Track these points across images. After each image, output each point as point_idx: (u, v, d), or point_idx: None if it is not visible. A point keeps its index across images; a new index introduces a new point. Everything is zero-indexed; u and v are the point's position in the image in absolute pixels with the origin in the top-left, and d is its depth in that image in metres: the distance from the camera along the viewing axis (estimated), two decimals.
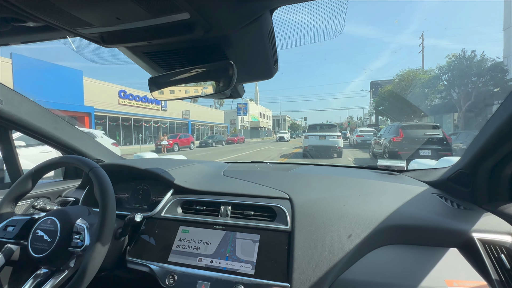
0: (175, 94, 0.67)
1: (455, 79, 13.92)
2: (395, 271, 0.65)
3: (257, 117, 47.70)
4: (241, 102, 33.41)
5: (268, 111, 57.80)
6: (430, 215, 0.76)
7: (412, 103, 16.80)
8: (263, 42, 0.57)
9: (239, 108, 33.36)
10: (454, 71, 13.80)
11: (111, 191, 0.68)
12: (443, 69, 14.42)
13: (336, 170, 1.36)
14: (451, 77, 14.16)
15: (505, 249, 0.64)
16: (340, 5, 0.52)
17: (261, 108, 52.84)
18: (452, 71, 13.95)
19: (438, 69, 14.74)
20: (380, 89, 23.01)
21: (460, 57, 13.76)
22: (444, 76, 14.54)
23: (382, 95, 20.79)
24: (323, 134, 9.11)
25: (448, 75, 14.30)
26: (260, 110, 51.25)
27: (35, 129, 1.00)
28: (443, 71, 14.46)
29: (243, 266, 0.70)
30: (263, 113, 53.77)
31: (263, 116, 53.26)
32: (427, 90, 16.42)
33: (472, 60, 13.44)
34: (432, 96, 16.70)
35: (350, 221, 0.74)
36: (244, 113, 34.10)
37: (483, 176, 0.79)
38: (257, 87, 52.77)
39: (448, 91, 14.73)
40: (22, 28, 0.53)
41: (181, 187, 0.94)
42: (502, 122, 0.65)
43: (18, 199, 0.77)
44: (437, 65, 14.84)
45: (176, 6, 0.41)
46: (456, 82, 13.91)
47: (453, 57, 14.06)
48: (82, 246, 0.65)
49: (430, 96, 16.69)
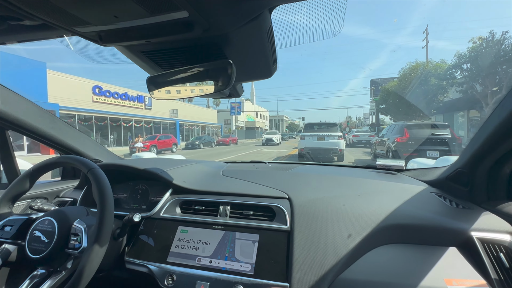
0: (173, 93, 0.66)
1: (480, 68, 11.36)
2: (395, 270, 0.65)
3: (253, 117, 46.05)
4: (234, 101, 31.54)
5: (265, 111, 56.15)
6: (429, 214, 0.75)
7: (421, 100, 14.84)
8: (262, 41, 0.57)
9: (232, 107, 31.31)
10: (480, 58, 11.22)
11: (110, 193, 0.67)
12: (463, 57, 12.03)
13: (335, 170, 1.35)
14: (474, 65, 11.60)
15: (504, 248, 0.64)
16: (339, 5, 0.51)
17: (258, 108, 51.06)
18: (476, 58, 11.40)
19: (457, 57, 12.34)
20: (383, 86, 21.23)
21: (487, 40, 11.13)
22: (467, 65, 12.03)
23: (386, 91, 18.95)
24: (321, 135, 7.58)
25: (470, 64, 11.82)
26: (257, 110, 49.46)
27: (32, 129, 0.99)
28: (464, 59, 12.06)
29: (242, 266, 0.70)
30: (260, 113, 52.11)
31: (259, 116, 51.65)
32: (445, 82, 13.96)
33: (502, 44, 10.75)
34: (451, 90, 14.19)
35: (349, 220, 0.74)
36: (238, 113, 32.12)
37: (482, 175, 0.79)
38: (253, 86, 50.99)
39: (470, 83, 12.24)
40: (19, 26, 0.53)
41: (180, 187, 0.94)
42: (501, 121, 0.64)
43: (16, 198, 0.77)
44: (456, 52, 12.35)
45: (175, 4, 0.41)
46: (481, 72, 11.34)
47: (479, 40, 11.33)
48: (79, 248, 0.64)
49: (448, 89, 14.24)
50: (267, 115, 60.47)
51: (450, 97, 14.88)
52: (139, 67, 0.68)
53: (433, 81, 14.41)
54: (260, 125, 49.30)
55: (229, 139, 23.33)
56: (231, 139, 23.94)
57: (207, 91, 0.61)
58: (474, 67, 11.78)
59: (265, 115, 57.19)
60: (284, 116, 70.12)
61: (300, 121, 71.84)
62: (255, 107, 48.41)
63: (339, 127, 8.27)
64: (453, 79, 13.52)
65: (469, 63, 12.03)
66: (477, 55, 11.51)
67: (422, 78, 15.01)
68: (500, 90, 10.78)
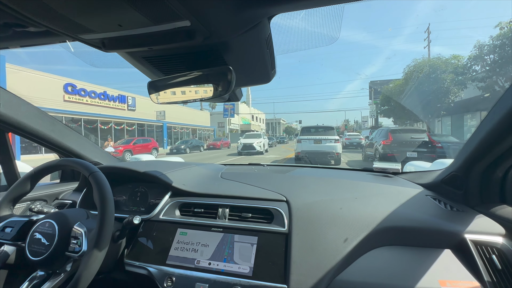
0: (174, 98, 0.66)
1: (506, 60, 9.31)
2: (391, 272, 0.65)
3: (248, 120, 44.42)
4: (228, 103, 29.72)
5: (261, 114, 54.67)
6: (424, 216, 0.76)
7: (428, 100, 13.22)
8: (261, 48, 0.58)
9: (225, 109, 29.47)
10: (506, 47, 9.13)
11: (111, 197, 0.67)
12: (484, 48, 10.06)
13: (332, 173, 1.35)
14: (501, 55, 9.41)
15: (496, 249, 0.65)
16: (336, 12, 0.52)
17: (254, 110, 49.58)
18: (504, 46, 9.30)
19: (478, 48, 10.29)
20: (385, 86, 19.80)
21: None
22: (490, 57, 9.86)
23: (389, 92, 17.44)
24: (318, 138, 7.55)
25: (495, 55, 9.68)
26: (253, 112, 47.94)
27: (32, 132, 0.98)
28: (486, 50, 10.04)
29: (241, 268, 0.70)
30: (256, 115, 50.61)
31: (255, 119, 50.14)
32: (462, 77, 11.91)
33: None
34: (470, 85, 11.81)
35: (346, 223, 0.74)
36: (232, 115, 30.18)
37: (475, 179, 0.79)
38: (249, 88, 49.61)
39: (493, 77, 10.08)
40: (23, 32, 0.53)
41: (179, 189, 0.93)
42: (493, 126, 0.65)
43: (17, 200, 0.77)
44: (476, 42, 10.27)
45: (177, 14, 0.42)
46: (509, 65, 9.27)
47: (507, 25, 9.17)
48: (79, 251, 0.64)
49: (468, 84, 11.88)
50: (264, 118, 59.07)
51: (462, 97, 13.18)
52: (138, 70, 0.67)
53: (446, 77, 12.42)
54: (256, 128, 47.71)
55: (220, 143, 21.31)
56: (223, 142, 22.01)
57: (207, 95, 0.62)
58: (501, 57, 9.82)
59: (261, 118, 55.76)
60: (281, 119, 68.88)
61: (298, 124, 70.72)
62: (251, 110, 46.84)
63: (337, 130, 8.15)
64: (471, 74, 11.50)
65: (494, 53, 10.07)
66: (503, 44, 9.58)
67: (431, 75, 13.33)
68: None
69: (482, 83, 11.05)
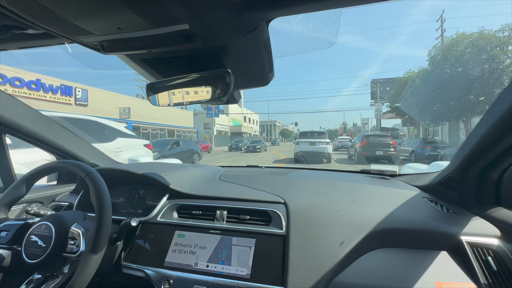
0: (172, 100, 0.67)
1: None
2: (388, 274, 0.66)
3: (239, 121, 40.63)
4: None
5: (254, 114, 50.87)
6: (421, 218, 0.77)
7: (470, 88, 9.56)
8: (260, 51, 0.59)
9: (209, 108, 25.43)
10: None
11: (108, 197, 0.67)
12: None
13: (330, 175, 1.36)
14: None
15: (492, 251, 0.66)
16: (333, 17, 0.53)
17: (246, 110, 45.71)
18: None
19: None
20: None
21: None
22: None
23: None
24: (313, 141, 9.44)
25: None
26: (244, 112, 44.05)
27: (29, 133, 0.99)
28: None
29: (239, 270, 0.70)
30: (248, 116, 46.77)
31: (247, 120, 46.25)
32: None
33: None
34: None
35: (344, 225, 0.74)
36: (216, 115, 26.34)
37: (471, 181, 0.80)
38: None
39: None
40: (22, 35, 0.53)
41: (176, 191, 0.94)
42: (488, 129, 0.66)
43: (12, 204, 0.76)
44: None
45: (176, 17, 0.43)
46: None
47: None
48: (77, 252, 0.64)
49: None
50: (257, 120, 55.30)
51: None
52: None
53: (500, 53, 9.03)
54: (248, 130, 43.79)
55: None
56: (202, 146, 18.47)
57: (205, 98, 0.63)
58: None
59: (254, 119, 51.98)
60: (277, 121, 65.17)
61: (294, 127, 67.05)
62: (242, 110, 42.98)
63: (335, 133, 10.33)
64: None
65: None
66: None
67: (475, 53, 9.79)
68: None
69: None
